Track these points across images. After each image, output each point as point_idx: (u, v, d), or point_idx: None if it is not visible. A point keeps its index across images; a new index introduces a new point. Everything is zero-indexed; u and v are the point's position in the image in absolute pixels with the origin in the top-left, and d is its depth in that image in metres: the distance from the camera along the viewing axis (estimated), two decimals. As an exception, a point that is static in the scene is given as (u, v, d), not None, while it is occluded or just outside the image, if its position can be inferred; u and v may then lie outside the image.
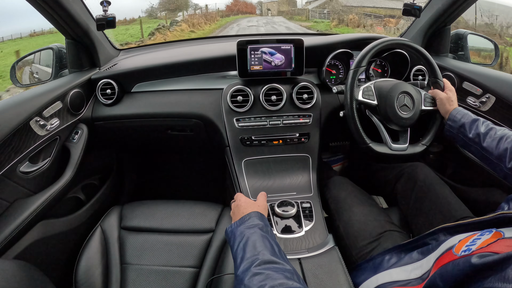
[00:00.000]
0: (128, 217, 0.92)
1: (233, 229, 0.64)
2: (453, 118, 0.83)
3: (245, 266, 0.51)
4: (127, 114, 1.08)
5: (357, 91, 0.87)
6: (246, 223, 0.63)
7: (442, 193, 0.89)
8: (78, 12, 0.96)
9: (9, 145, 0.77)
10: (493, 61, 1.22)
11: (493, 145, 0.74)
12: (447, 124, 0.85)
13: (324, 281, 0.68)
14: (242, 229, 0.61)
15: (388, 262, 0.68)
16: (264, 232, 0.60)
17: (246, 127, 1.03)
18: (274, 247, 0.56)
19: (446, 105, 0.87)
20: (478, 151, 0.77)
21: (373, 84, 0.90)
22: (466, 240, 0.49)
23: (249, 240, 0.57)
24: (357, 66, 0.87)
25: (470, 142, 0.79)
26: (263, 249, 0.54)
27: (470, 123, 0.80)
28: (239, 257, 0.54)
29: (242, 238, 0.58)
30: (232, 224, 0.65)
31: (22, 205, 0.80)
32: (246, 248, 0.55)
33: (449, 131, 0.85)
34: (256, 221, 0.63)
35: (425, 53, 0.90)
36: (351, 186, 1.00)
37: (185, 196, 1.50)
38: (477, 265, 0.40)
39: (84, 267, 0.79)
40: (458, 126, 0.82)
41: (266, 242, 0.56)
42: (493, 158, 0.74)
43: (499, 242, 0.43)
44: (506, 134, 0.74)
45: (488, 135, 0.76)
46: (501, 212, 0.51)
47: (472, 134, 0.78)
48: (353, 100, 0.86)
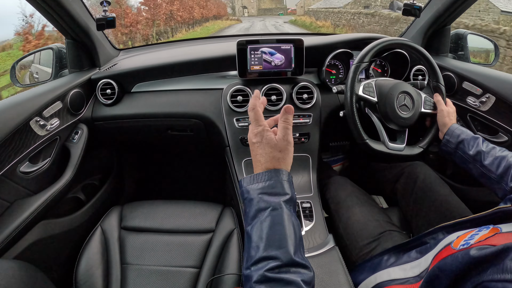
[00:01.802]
0: (128, 217, 0.92)
1: (249, 188, 0.48)
2: (452, 133, 0.81)
3: (258, 262, 0.41)
4: (127, 114, 1.08)
5: (358, 86, 0.87)
6: (269, 188, 0.47)
7: (442, 193, 0.89)
8: (78, 12, 0.96)
9: (9, 145, 0.77)
10: (493, 61, 1.22)
11: (495, 163, 0.72)
12: (444, 139, 0.83)
13: (325, 281, 0.68)
14: (266, 198, 0.46)
15: (387, 261, 0.69)
16: (291, 210, 0.46)
17: (246, 127, 1.03)
18: (297, 238, 0.44)
19: (446, 118, 0.85)
20: (478, 169, 0.75)
21: (374, 82, 0.90)
22: (464, 236, 0.50)
23: (270, 222, 0.44)
24: (360, 61, 0.87)
25: (469, 159, 0.77)
26: (287, 245, 0.42)
27: (470, 140, 0.78)
28: (253, 243, 0.43)
29: (262, 213, 0.45)
30: (250, 178, 0.48)
31: (22, 205, 0.80)
32: (263, 233, 0.43)
33: (446, 146, 0.82)
34: (285, 187, 0.47)
35: (425, 53, 0.90)
36: (351, 186, 1.00)
37: (185, 196, 1.50)
38: (476, 258, 0.40)
39: (84, 267, 0.80)
40: (457, 142, 0.79)
41: (291, 230, 0.44)
42: (494, 176, 0.72)
43: (496, 236, 0.44)
44: (508, 154, 0.72)
45: (490, 153, 0.74)
46: (498, 207, 0.52)
47: (472, 152, 0.76)
48: (353, 95, 0.86)
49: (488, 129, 0.98)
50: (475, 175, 0.77)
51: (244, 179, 0.49)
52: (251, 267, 0.41)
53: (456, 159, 0.82)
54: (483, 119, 0.98)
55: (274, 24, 28.80)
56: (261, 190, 0.47)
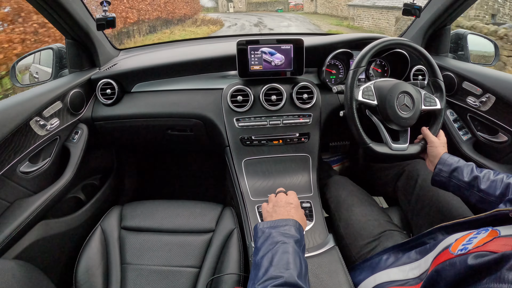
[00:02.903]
0: (128, 217, 0.92)
1: (264, 228, 0.58)
2: (445, 162, 0.79)
3: (265, 280, 0.47)
4: (127, 114, 1.08)
5: (357, 91, 0.87)
6: (281, 228, 0.57)
7: (443, 193, 0.89)
8: (78, 12, 0.96)
9: (9, 145, 0.77)
10: (493, 61, 1.22)
11: (492, 186, 0.70)
12: (436, 168, 0.79)
13: (325, 280, 0.68)
14: (276, 234, 0.56)
15: (386, 262, 0.68)
16: (298, 248, 0.55)
17: (246, 127, 1.03)
18: (302, 268, 0.51)
19: (437, 149, 0.83)
20: (475, 195, 0.73)
21: (373, 84, 0.90)
22: (463, 239, 0.49)
23: (279, 252, 0.52)
24: (357, 66, 0.87)
25: (465, 185, 0.74)
26: (292, 268, 0.49)
27: (464, 167, 0.76)
28: (263, 267, 0.50)
29: (273, 246, 0.53)
30: (265, 222, 0.60)
31: (22, 205, 0.80)
32: (273, 260, 0.51)
33: (439, 176, 0.79)
34: (293, 231, 0.57)
35: (425, 53, 0.90)
36: (352, 186, 1.00)
37: (185, 196, 1.50)
38: (473, 266, 0.40)
39: (84, 267, 0.80)
40: (451, 170, 0.77)
41: (297, 260, 0.51)
42: (493, 199, 0.70)
43: (495, 240, 0.44)
44: (504, 175, 0.71)
45: (486, 177, 0.72)
46: (497, 210, 0.51)
47: (467, 178, 0.74)
48: (353, 101, 0.86)
49: (488, 129, 0.98)
50: (473, 201, 0.74)
51: (259, 223, 0.61)
52: (258, 285, 0.47)
53: (450, 189, 0.79)
54: (483, 119, 0.98)
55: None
56: (276, 230, 0.57)
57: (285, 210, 0.65)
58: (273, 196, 0.73)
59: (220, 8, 34.65)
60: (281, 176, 1.02)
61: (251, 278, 0.51)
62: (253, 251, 0.57)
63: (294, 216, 0.63)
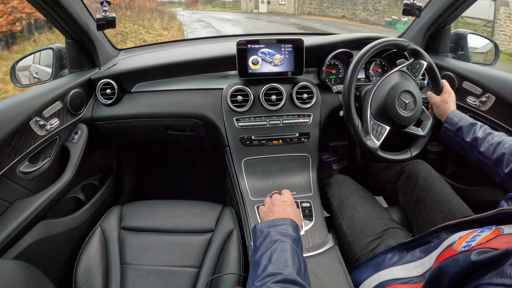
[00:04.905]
0: (128, 217, 0.92)
1: (263, 228, 0.59)
2: (450, 121, 0.82)
3: (264, 277, 0.48)
4: (127, 114, 1.08)
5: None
6: (278, 227, 0.58)
7: (443, 192, 0.89)
8: (78, 12, 0.96)
9: (9, 145, 0.77)
10: (493, 61, 1.22)
11: (490, 150, 0.74)
12: (443, 127, 0.83)
13: (324, 280, 0.68)
14: (274, 233, 0.57)
15: (390, 260, 0.68)
16: (296, 246, 0.56)
17: (246, 127, 1.03)
18: (301, 266, 0.52)
19: (441, 108, 0.86)
20: (475, 155, 0.77)
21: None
22: (466, 237, 0.50)
23: (277, 250, 0.53)
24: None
25: (467, 146, 0.78)
26: (291, 265, 0.50)
27: (468, 127, 0.79)
28: (262, 265, 0.51)
29: (271, 244, 0.54)
30: (263, 223, 0.61)
31: (22, 205, 0.80)
32: (272, 257, 0.51)
33: (446, 134, 0.83)
34: (290, 230, 0.58)
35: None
36: (354, 185, 1.00)
37: (185, 196, 1.50)
38: (476, 262, 0.40)
39: (84, 267, 0.79)
40: (455, 130, 0.81)
41: (296, 258, 0.52)
42: (490, 163, 0.73)
43: (498, 238, 0.44)
44: (504, 140, 0.73)
45: (486, 140, 0.75)
46: (501, 209, 0.51)
47: (469, 138, 0.77)
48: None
49: None
50: (473, 160, 0.79)
51: (258, 224, 0.62)
52: (257, 282, 0.48)
53: (455, 147, 0.83)
54: (483, 118, 0.98)
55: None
56: (274, 229, 0.58)
57: (281, 208, 0.66)
58: (268, 199, 0.74)
59: (246, 5, 25.90)
60: (281, 176, 1.02)
61: (250, 276, 0.52)
62: (252, 251, 0.58)
63: (290, 214, 0.64)
